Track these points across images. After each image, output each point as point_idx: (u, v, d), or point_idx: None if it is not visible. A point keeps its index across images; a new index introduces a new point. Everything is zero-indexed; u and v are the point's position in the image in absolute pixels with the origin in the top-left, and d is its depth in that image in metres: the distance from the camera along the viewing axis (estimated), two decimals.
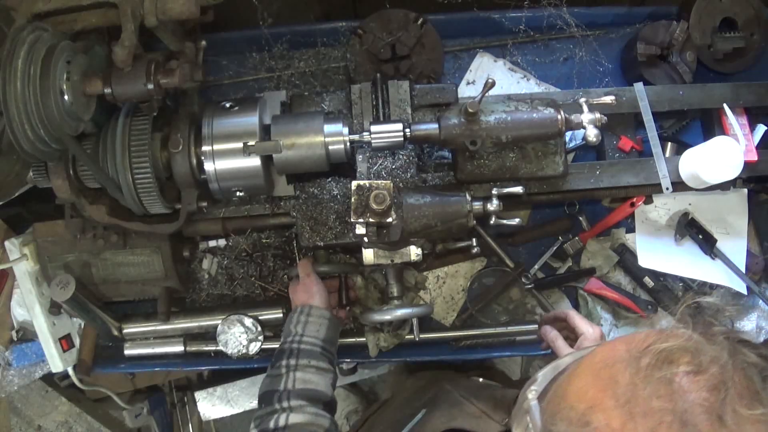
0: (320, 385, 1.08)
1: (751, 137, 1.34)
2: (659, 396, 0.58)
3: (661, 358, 0.60)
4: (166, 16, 1.00)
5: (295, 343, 1.12)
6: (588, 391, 0.65)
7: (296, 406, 1.03)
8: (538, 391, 0.76)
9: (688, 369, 0.59)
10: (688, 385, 0.58)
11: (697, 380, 0.58)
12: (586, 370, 0.68)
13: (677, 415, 0.57)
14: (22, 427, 1.94)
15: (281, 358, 1.10)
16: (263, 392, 1.08)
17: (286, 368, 1.08)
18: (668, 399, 0.58)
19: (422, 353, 1.43)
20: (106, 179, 1.13)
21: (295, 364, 1.09)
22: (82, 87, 1.02)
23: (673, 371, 0.59)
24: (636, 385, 0.60)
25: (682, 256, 1.41)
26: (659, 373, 0.59)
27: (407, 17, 1.34)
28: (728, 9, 1.39)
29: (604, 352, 0.68)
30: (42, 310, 1.36)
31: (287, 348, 1.12)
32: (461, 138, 1.12)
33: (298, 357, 1.10)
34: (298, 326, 1.15)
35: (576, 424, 0.63)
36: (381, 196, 1.08)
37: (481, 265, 1.45)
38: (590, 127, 1.12)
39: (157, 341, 1.41)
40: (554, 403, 0.69)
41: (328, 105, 1.28)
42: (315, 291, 1.21)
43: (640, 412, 0.58)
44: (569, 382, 0.69)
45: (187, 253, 1.39)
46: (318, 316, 1.17)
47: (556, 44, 1.47)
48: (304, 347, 1.12)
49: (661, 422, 0.57)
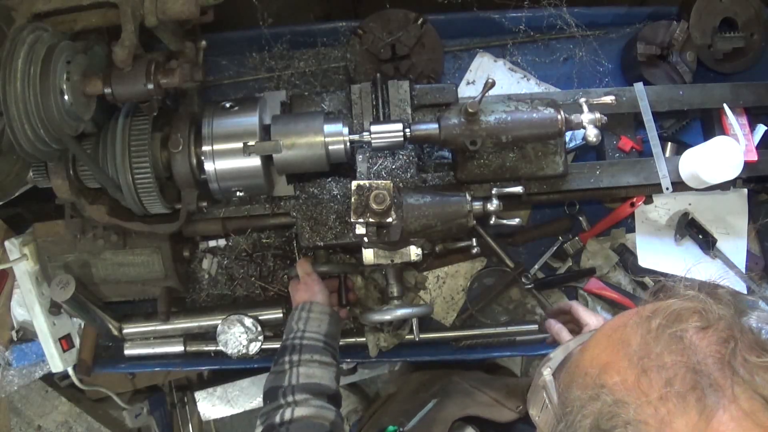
0: (324, 379, 1.08)
1: (751, 137, 1.34)
2: (671, 351, 0.60)
3: (671, 318, 0.62)
4: (166, 16, 1.00)
5: (297, 339, 1.12)
6: (601, 356, 0.66)
7: (301, 399, 1.03)
8: (552, 368, 0.77)
9: (698, 325, 0.61)
10: (699, 339, 0.60)
11: (707, 335, 0.60)
12: (598, 338, 0.70)
13: (690, 367, 0.58)
14: (22, 427, 1.94)
15: (284, 355, 1.11)
16: (267, 389, 1.08)
17: (289, 364, 1.08)
18: (680, 353, 0.59)
19: (422, 353, 1.43)
20: (106, 179, 1.13)
21: (298, 360, 1.09)
22: (82, 87, 1.02)
23: (684, 327, 0.61)
24: (648, 343, 0.62)
25: (682, 256, 1.41)
26: (670, 330, 0.61)
27: (407, 17, 1.34)
28: (728, 9, 1.39)
29: (615, 320, 0.70)
30: (42, 310, 1.36)
31: (289, 344, 1.12)
32: (461, 138, 1.12)
33: (301, 352, 1.10)
34: (299, 323, 1.15)
35: (591, 388, 0.64)
36: (381, 196, 1.08)
37: (481, 265, 1.45)
38: (590, 127, 1.12)
39: (157, 341, 1.41)
40: (569, 374, 0.71)
41: (328, 105, 1.28)
42: (316, 289, 1.21)
43: (654, 367, 0.60)
44: (582, 352, 0.71)
45: (187, 253, 1.39)
46: (319, 312, 1.17)
47: (556, 44, 1.47)
48: (306, 343, 1.12)
49: (675, 375, 0.58)
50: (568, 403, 0.67)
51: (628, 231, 1.44)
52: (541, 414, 0.77)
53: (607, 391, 0.62)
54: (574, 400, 0.66)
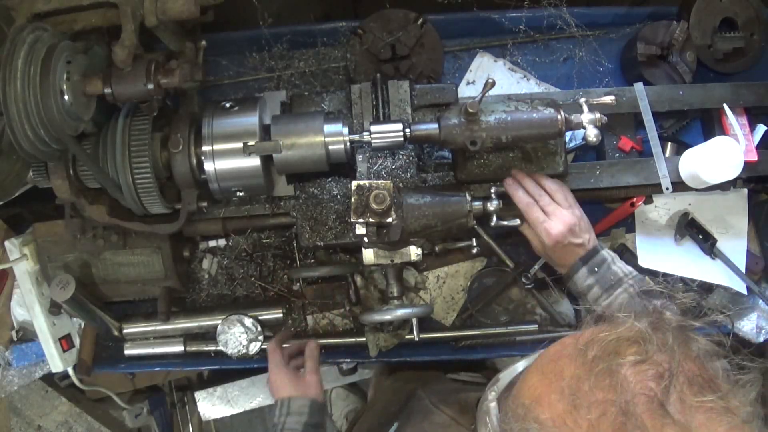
0: None
1: (751, 137, 1.34)
2: (602, 387, 0.57)
3: (607, 350, 0.59)
4: (166, 16, 1.00)
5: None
6: (536, 386, 0.64)
7: None
8: (498, 392, 0.76)
9: (634, 359, 0.58)
10: (633, 375, 0.57)
11: (642, 369, 0.57)
12: (536, 366, 0.68)
13: (620, 406, 0.55)
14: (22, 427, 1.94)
15: None
16: None
17: None
18: (611, 390, 0.56)
19: (422, 353, 1.43)
20: (106, 179, 1.13)
21: None
22: (82, 87, 1.02)
23: (619, 362, 0.58)
24: (580, 377, 0.59)
25: (682, 256, 1.41)
26: (603, 364, 0.58)
27: (407, 17, 1.34)
28: (728, 9, 1.39)
29: (554, 348, 0.67)
30: (42, 310, 1.36)
31: None
32: (461, 138, 1.12)
33: None
34: (280, 417, 1.13)
35: (523, 420, 0.63)
36: (381, 196, 1.08)
37: (481, 265, 1.45)
38: (590, 127, 1.12)
39: (157, 341, 1.41)
40: (508, 402, 0.69)
41: (328, 105, 1.28)
42: (287, 382, 1.17)
43: (584, 404, 0.57)
44: (523, 380, 0.69)
45: (187, 253, 1.39)
46: (298, 408, 1.14)
47: (556, 44, 1.47)
48: None
49: (603, 413, 0.56)
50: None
51: (628, 231, 1.44)
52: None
53: (537, 427, 0.60)
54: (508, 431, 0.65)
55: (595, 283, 1.12)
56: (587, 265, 1.13)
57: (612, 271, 1.13)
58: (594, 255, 1.14)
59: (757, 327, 1.43)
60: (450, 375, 1.32)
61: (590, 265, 1.13)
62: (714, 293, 1.43)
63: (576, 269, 1.14)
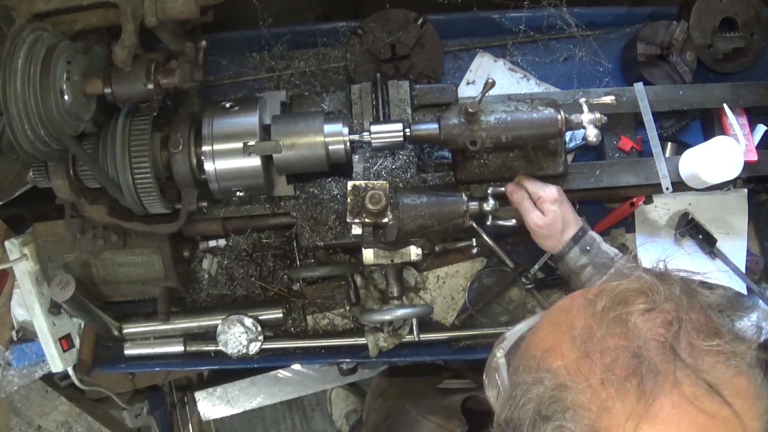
0: None
1: (751, 137, 1.34)
2: (614, 335, 0.58)
3: (616, 300, 0.61)
4: (166, 16, 1.00)
5: None
6: (546, 338, 0.65)
7: None
8: (506, 349, 0.77)
9: (643, 308, 0.59)
10: (643, 322, 0.58)
11: (651, 317, 0.59)
12: (545, 320, 0.69)
13: (632, 351, 0.57)
14: (22, 427, 1.94)
15: None
16: None
17: None
18: (623, 337, 0.58)
19: (422, 353, 1.43)
20: (106, 179, 1.13)
21: None
22: (82, 87, 1.02)
23: (629, 310, 0.59)
24: (591, 326, 0.60)
25: (682, 256, 1.41)
26: (614, 313, 0.60)
27: (407, 17, 1.34)
28: (728, 9, 1.39)
29: (562, 302, 0.69)
30: (42, 310, 1.36)
31: None
32: (461, 138, 1.12)
33: None
34: None
35: (535, 371, 0.63)
36: (377, 196, 1.08)
37: (481, 265, 1.45)
38: (590, 127, 1.12)
39: (157, 341, 1.41)
40: (518, 356, 0.70)
41: (328, 105, 1.28)
42: None
43: (596, 351, 0.58)
44: (532, 335, 0.70)
45: (187, 253, 1.39)
46: None
47: (556, 44, 1.47)
48: None
49: (616, 359, 0.57)
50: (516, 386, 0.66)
51: (628, 231, 1.44)
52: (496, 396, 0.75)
53: (550, 376, 0.61)
54: (520, 383, 0.65)
55: (588, 263, 1.13)
56: (578, 244, 1.14)
57: (602, 250, 1.14)
58: (584, 234, 1.15)
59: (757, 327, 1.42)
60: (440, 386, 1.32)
61: (581, 244, 1.14)
62: None
63: (568, 248, 1.15)
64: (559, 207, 1.15)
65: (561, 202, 1.16)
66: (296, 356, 1.44)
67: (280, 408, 2.43)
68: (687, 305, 0.60)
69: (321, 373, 2.29)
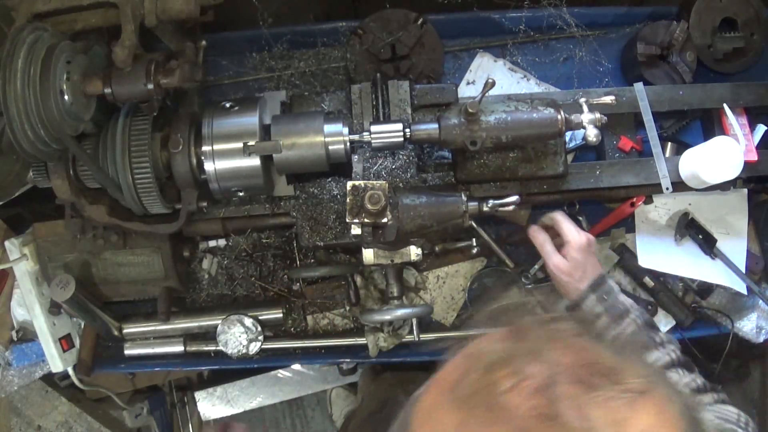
0: None
1: (751, 137, 1.34)
2: (490, 424, 0.50)
3: (481, 384, 0.52)
4: (166, 16, 1.00)
5: None
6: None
7: None
8: None
9: (509, 382, 0.50)
10: (512, 399, 0.49)
11: (519, 389, 0.50)
12: (416, 422, 0.58)
13: None
14: (22, 427, 1.94)
15: None
16: None
17: None
18: (498, 424, 0.49)
19: (422, 353, 1.42)
20: (106, 179, 1.13)
21: None
22: (82, 87, 1.02)
23: (495, 391, 0.50)
24: (463, 422, 0.52)
25: (682, 256, 1.41)
26: (479, 400, 0.51)
27: (407, 17, 1.34)
28: (728, 9, 1.39)
29: (425, 403, 0.58)
30: (42, 310, 1.36)
31: None
32: (461, 138, 1.12)
33: None
34: None
35: None
36: (376, 196, 1.07)
37: (481, 265, 1.45)
38: (590, 127, 1.12)
39: (157, 341, 1.41)
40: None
41: (328, 105, 1.28)
42: None
43: None
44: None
45: (187, 253, 1.39)
46: None
47: (556, 44, 1.47)
48: None
49: None
50: None
51: (628, 231, 1.44)
52: None
53: None
54: None
55: (604, 312, 1.09)
56: (596, 292, 1.11)
57: (620, 300, 1.11)
58: (602, 283, 1.12)
59: (757, 327, 1.43)
60: None
61: (599, 292, 1.11)
62: (714, 293, 1.43)
63: (585, 296, 1.12)
64: (583, 256, 1.13)
65: (588, 254, 1.13)
66: (296, 356, 1.44)
67: (280, 408, 2.43)
68: (553, 355, 0.51)
69: (321, 373, 2.29)
